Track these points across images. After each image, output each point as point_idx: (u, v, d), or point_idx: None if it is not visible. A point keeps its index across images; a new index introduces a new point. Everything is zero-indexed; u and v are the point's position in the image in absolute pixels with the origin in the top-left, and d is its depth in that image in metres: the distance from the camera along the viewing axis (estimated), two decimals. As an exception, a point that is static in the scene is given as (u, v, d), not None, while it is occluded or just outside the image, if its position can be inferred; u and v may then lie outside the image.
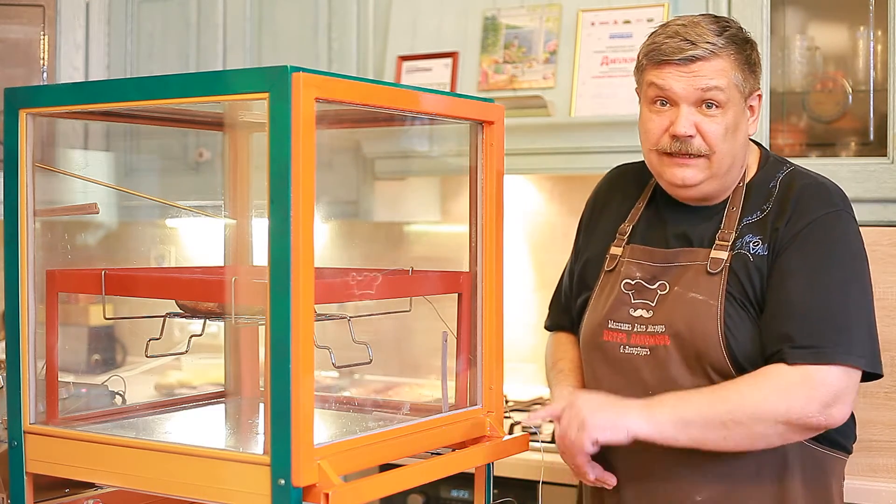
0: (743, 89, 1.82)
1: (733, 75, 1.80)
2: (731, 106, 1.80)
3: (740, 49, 1.81)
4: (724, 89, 1.79)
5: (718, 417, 1.71)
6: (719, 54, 1.79)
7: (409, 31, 3.08)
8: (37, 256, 1.64)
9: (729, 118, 1.80)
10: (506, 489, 2.50)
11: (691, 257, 1.85)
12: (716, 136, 1.80)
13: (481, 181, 1.75)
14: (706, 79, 1.79)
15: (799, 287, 1.76)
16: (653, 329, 1.85)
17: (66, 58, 3.42)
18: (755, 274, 1.80)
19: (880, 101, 2.53)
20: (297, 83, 1.36)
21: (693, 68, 1.79)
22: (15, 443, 1.62)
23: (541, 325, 3.32)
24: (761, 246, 1.81)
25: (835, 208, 1.81)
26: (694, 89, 1.79)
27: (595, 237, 2.03)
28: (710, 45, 1.78)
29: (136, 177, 3.49)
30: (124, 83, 1.88)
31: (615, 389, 1.89)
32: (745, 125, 1.85)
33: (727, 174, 1.85)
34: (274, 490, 1.38)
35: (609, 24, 2.80)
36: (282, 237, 1.37)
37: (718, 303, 1.79)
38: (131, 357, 3.71)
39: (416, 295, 1.76)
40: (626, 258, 1.93)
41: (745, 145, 1.87)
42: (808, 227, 1.79)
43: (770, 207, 1.83)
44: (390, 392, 3.25)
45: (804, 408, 1.70)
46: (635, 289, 1.89)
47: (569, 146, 2.81)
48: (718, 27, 1.81)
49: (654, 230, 1.93)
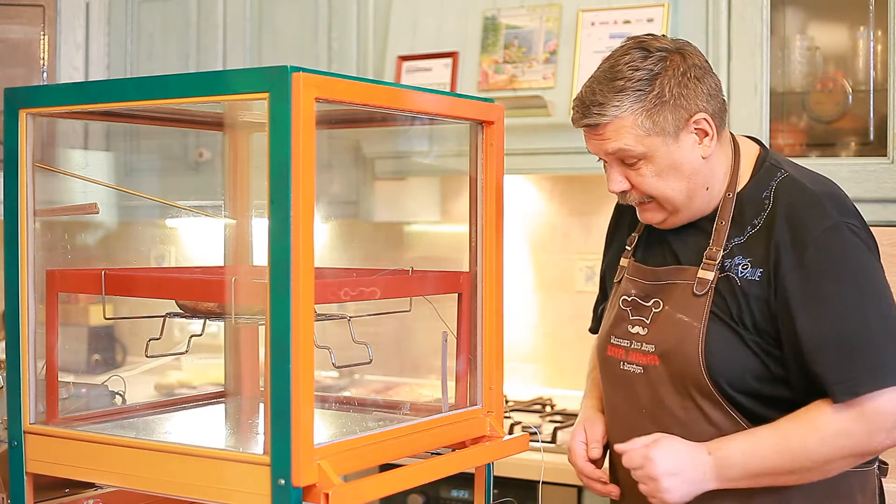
0: (665, 129, 1.74)
1: (641, 128, 1.73)
2: (656, 152, 1.75)
3: (643, 96, 1.73)
4: (633, 146, 1.74)
5: (787, 468, 1.71)
6: (617, 115, 1.73)
7: (409, 31, 3.08)
8: (37, 256, 1.64)
9: (657, 164, 1.76)
10: (506, 489, 2.50)
11: (681, 276, 1.83)
12: (647, 187, 1.78)
13: (481, 181, 1.75)
14: (610, 142, 1.76)
15: (814, 320, 1.70)
16: (646, 348, 1.84)
17: (66, 58, 3.42)
18: (743, 298, 1.75)
19: (880, 101, 2.52)
20: (297, 83, 1.36)
21: (598, 132, 1.76)
22: (15, 443, 1.62)
23: (541, 325, 3.34)
24: (750, 270, 1.75)
25: (831, 222, 1.73)
26: (604, 153, 1.79)
27: (614, 245, 2.04)
28: (606, 109, 1.73)
29: (136, 177, 3.49)
30: (124, 83, 1.87)
31: (615, 405, 1.91)
32: (688, 156, 1.77)
33: (688, 203, 1.81)
34: (274, 490, 1.38)
35: (609, 24, 2.80)
36: (282, 237, 1.36)
37: (702, 325, 1.77)
38: (131, 357, 3.71)
39: (416, 295, 1.76)
40: (627, 274, 1.94)
41: (701, 170, 1.79)
42: (807, 252, 1.71)
43: (761, 224, 1.77)
44: (390, 392, 3.25)
45: (870, 441, 1.69)
46: (632, 305, 1.89)
47: (569, 146, 2.81)
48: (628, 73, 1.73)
49: (651, 247, 1.92)
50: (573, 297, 3.27)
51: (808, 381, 1.73)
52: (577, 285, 3.27)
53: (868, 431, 1.68)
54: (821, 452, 1.70)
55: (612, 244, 2.05)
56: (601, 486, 1.93)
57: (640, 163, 1.77)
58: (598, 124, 1.75)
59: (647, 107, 1.73)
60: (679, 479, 1.72)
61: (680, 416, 1.80)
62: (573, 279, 3.29)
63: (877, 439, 1.69)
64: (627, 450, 1.77)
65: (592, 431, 1.96)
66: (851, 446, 1.70)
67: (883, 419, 1.68)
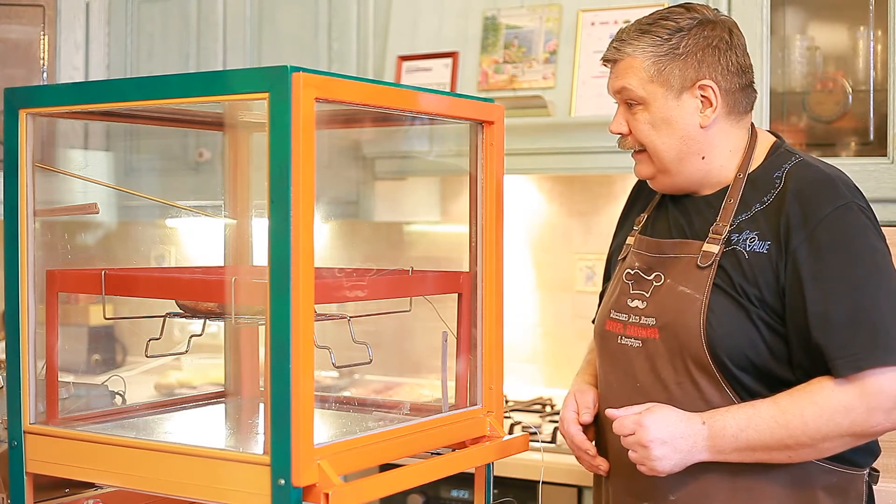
0: (669, 82, 1.79)
1: (646, 72, 1.79)
2: (654, 101, 1.80)
3: (659, 44, 1.79)
4: (635, 88, 1.80)
5: (782, 442, 1.70)
6: (629, 53, 1.81)
7: (409, 31, 3.08)
8: (37, 256, 1.64)
9: (653, 113, 1.81)
10: (506, 489, 2.50)
11: (685, 249, 1.84)
12: (640, 134, 1.83)
13: (481, 181, 1.75)
14: (617, 79, 1.83)
15: (823, 295, 1.71)
16: (645, 321, 1.83)
17: (66, 58, 3.43)
18: (749, 271, 1.75)
19: (880, 101, 2.53)
20: (297, 83, 1.36)
21: (614, 69, 1.85)
22: (15, 443, 1.62)
23: (541, 325, 3.34)
24: (758, 242, 1.76)
25: (843, 201, 1.74)
26: (612, 90, 1.85)
27: (621, 232, 2.04)
28: (623, 46, 1.81)
29: (136, 177, 3.49)
30: (124, 83, 1.87)
31: (611, 381, 1.89)
32: (685, 118, 1.80)
33: (678, 167, 1.83)
34: (274, 490, 1.38)
35: (609, 23, 2.81)
36: (282, 237, 1.37)
37: (704, 296, 1.77)
38: (131, 357, 3.71)
39: (416, 295, 1.76)
40: (633, 248, 1.94)
41: (697, 138, 1.81)
42: (819, 227, 1.73)
43: (770, 201, 1.78)
44: (390, 392, 3.25)
45: (867, 420, 1.68)
46: (634, 279, 1.89)
47: (569, 146, 2.81)
48: (655, 21, 1.81)
49: (659, 221, 1.93)
50: (573, 297, 3.27)
51: (810, 360, 1.72)
52: (577, 285, 3.27)
53: (867, 409, 1.68)
54: (818, 427, 1.69)
55: (622, 228, 2.05)
56: (589, 459, 1.90)
57: (639, 108, 1.82)
58: (614, 60, 1.84)
59: (659, 54, 1.79)
60: (670, 448, 1.70)
61: (675, 393, 1.79)
62: (573, 279, 3.29)
63: (875, 419, 1.68)
64: (620, 416, 1.75)
65: (583, 399, 1.94)
66: (849, 424, 1.68)
67: (883, 399, 1.68)
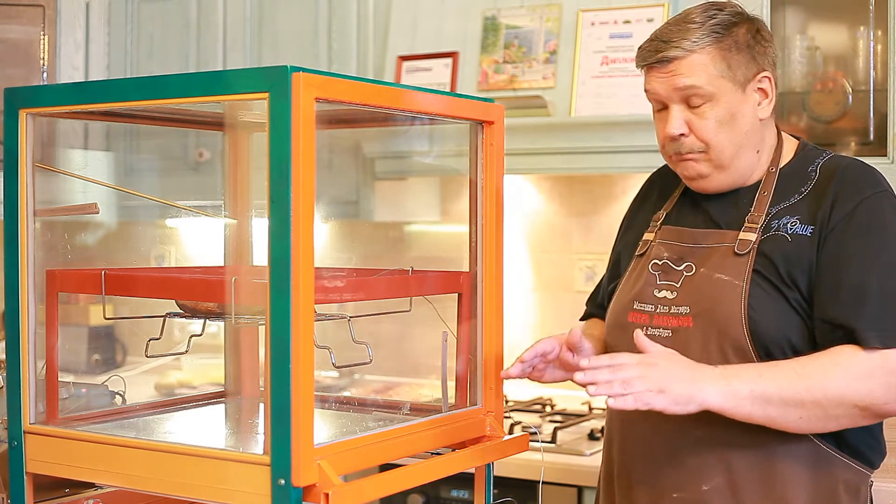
0: (736, 76, 1.78)
1: (715, 68, 1.77)
2: (722, 97, 1.78)
3: (721, 38, 1.77)
4: (704, 85, 1.77)
5: (798, 396, 1.66)
6: (694, 51, 1.77)
7: (409, 31, 3.08)
8: (37, 256, 1.64)
9: (720, 110, 1.78)
10: (506, 489, 2.50)
11: (719, 239, 1.83)
12: (707, 132, 1.79)
13: (481, 181, 1.75)
14: (682, 77, 1.77)
15: (859, 269, 1.71)
16: (676, 310, 1.82)
17: (66, 58, 3.43)
18: (794, 253, 1.75)
19: (880, 101, 2.53)
20: (297, 83, 1.36)
21: (670, 68, 1.78)
22: (15, 443, 1.62)
23: (541, 325, 3.34)
24: (800, 226, 1.77)
25: (882, 188, 1.78)
26: (674, 89, 1.79)
27: (632, 230, 2.02)
28: (683, 43, 1.77)
29: (136, 177, 3.49)
30: (124, 83, 1.87)
31: None
32: (748, 111, 1.81)
33: (735, 162, 1.82)
34: (274, 490, 1.38)
35: (609, 23, 2.81)
36: (282, 237, 1.37)
37: (744, 282, 1.76)
38: (131, 357, 3.71)
39: (416, 295, 1.76)
40: (657, 241, 1.92)
41: (757, 131, 1.83)
42: (859, 208, 1.74)
43: (808, 190, 1.79)
44: (390, 392, 3.25)
45: (884, 395, 1.67)
46: (662, 269, 1.87)
47: (569, 146, 2.81)
48: (703, 18, 1.79)
49: (686, 215, 1.92)
50: (573, 297, 3.26)
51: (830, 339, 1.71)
52: (577, 285, 3.27)
53: (886, 385, 1.67)
54: (837, 387, 1.66)
55: (631, 227, 2.03)
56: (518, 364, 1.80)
57: (706, 105, 1.78)
58: (675, 58, 1.77)
59: (724, 47, 1.77)
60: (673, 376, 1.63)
61: None
62: (573, 279, 3.29)
63: (890, 395, 1.67)
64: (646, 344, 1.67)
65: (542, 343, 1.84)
66: (866, 393, 1.67)
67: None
